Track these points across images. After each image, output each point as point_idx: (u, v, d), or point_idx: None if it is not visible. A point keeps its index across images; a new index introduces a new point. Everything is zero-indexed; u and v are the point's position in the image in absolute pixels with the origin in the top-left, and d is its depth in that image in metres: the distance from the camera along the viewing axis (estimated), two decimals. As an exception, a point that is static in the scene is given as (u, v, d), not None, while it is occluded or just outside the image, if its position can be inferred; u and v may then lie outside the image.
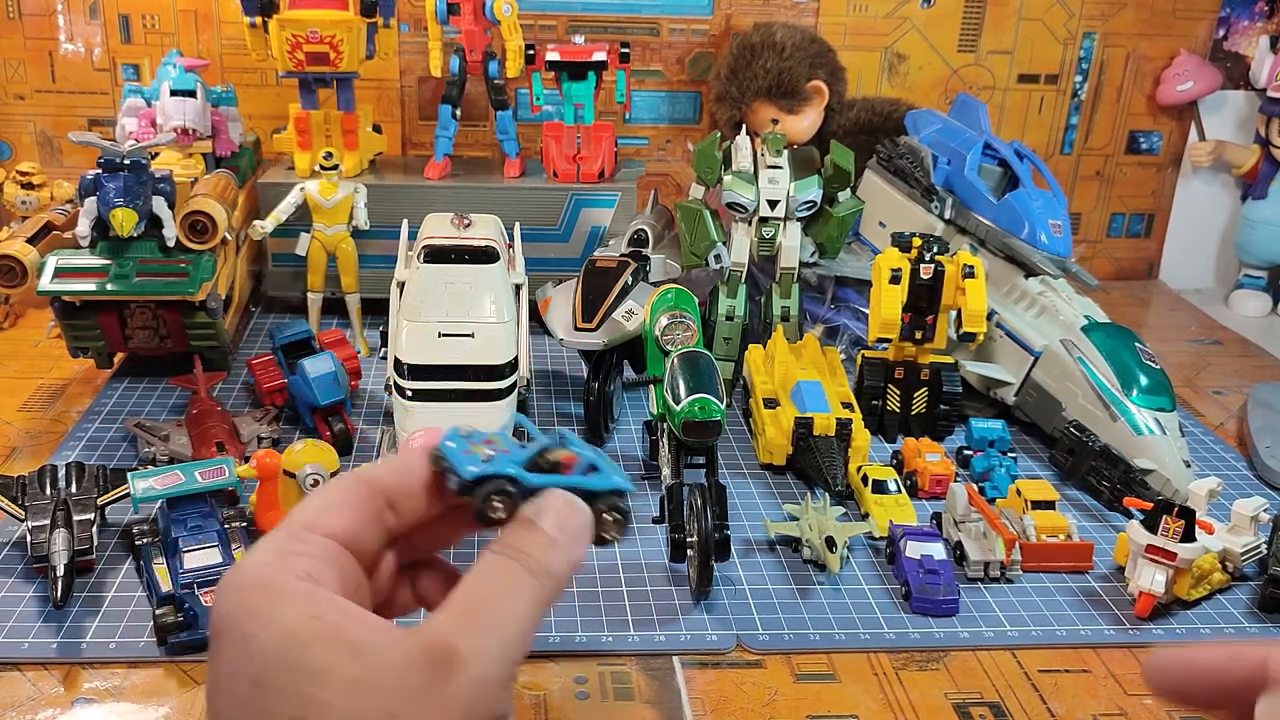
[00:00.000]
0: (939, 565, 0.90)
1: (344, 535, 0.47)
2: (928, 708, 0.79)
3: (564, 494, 0.48)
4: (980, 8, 1.63)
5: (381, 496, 0.49)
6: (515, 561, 0.45)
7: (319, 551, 0.46)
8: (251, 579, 0.44)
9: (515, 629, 0.44)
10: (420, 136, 1.64)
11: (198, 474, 0.90)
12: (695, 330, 0.99)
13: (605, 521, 0.49)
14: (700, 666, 0.82)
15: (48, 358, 1.31)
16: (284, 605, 0.43)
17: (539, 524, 0.47)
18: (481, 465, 0.47)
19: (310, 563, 0.45)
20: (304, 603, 0.43)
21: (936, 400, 1.17)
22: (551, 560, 0.46)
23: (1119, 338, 1.14)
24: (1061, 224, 1.24)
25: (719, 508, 0.88)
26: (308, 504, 0.48)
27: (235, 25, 1.50)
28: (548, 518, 0.47)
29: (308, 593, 0.44)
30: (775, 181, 1.20)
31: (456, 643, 0.42)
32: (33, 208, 1.46)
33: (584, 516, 0.48)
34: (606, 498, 0.49)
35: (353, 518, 0.48)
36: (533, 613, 0.45)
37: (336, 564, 0.47)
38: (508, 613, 0.44)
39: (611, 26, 1.60)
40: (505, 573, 0.45)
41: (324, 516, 0.47)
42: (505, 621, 0.44)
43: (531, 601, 0.45)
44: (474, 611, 0.44)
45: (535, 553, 0.46)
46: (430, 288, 1.08)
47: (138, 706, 0.76)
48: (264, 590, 0.44)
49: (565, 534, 0.47)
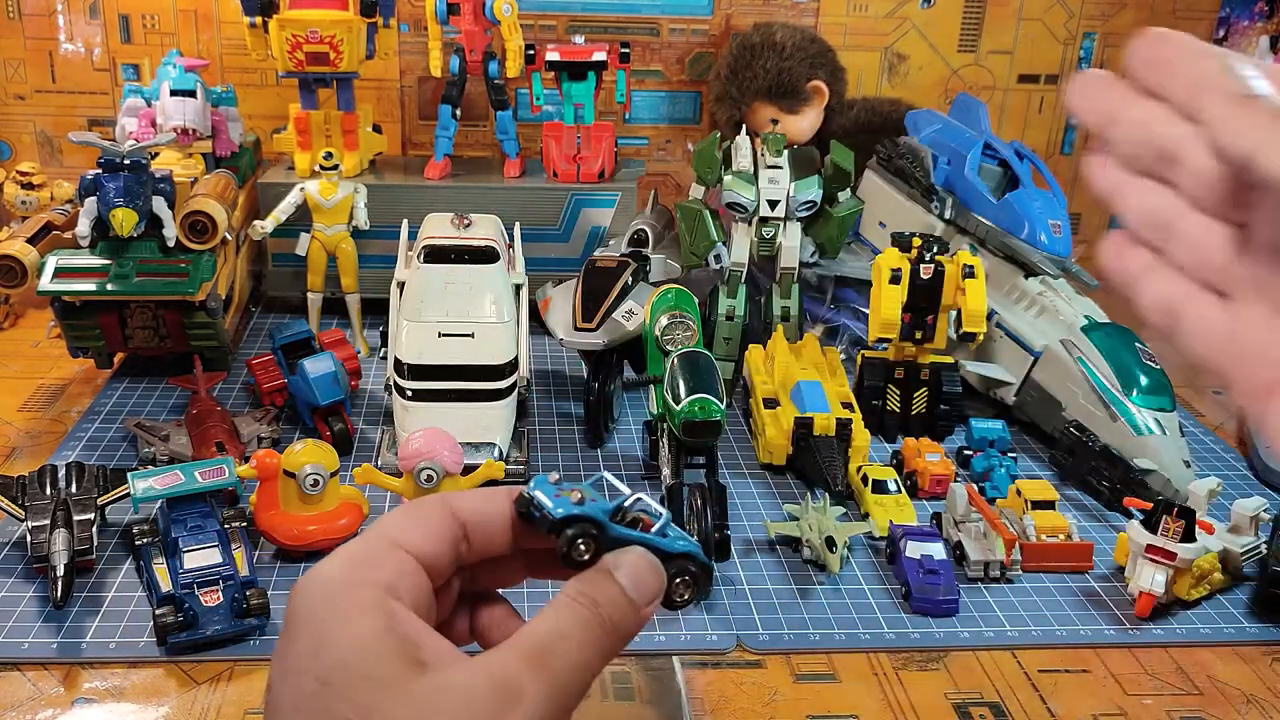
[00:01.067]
0: (939, 565, 0.90)
1: (425, 555, 0.48)
2: (928, 708, 0.79)
3: (645, 553, 0.49)
4: (980, 8, 1.63)
5: (462, 525, 0.50)
6: (589, 611, 0.46)
7: (400, 566, 0.47)
8: (334, 581, 0.45)
9: (578, 679, 0.45)
10: (420, 136, 1.64)
11: (198, 474, 0.90)
12: (695, 330, 0.99)
13: (677, 585, 0.50)
14: (700, 666, 0.82)
15: (48, 358, 1.31)
16: (361, 613, 0.44)
17: (617, 577, 0.48)
18: (572, 507, 0.49)
19: (390, 575, 0.46)
20: (380, 614, 0.44)
21: (936, 400, 1.17)
22: (623, 617, 0.47)
23: (1119, 338, 1.14)
24: (1061, 224, 1.24)
25: (719, 508, 0.88)
26: (394, 518, 0.49)
27: (235, 25, 1.50)
28: (625, 572, 0.48)
29: (384, 605, 0.45)
30: (775, 181, 1.20)
31: (524, 682, 0.43)
32: (33, 208, 1.46)
33: (660, 579, 0.49)
34: (680, 560, 0.50)
35: (435, 540, 0.49)
36: (595, 665, 0.46)
37: (414, 581, 0.48)
38: (574, 662, 0.45)
39: (611, 26, 1.60)
40: (579, 621, 0.46)
41: (408, 534, 0.48)
42: (570, 670, 0.45)
43: (597, 655, 0.46)
44: (544, 654, 0.45)
45: (608, 606, 0.47)
46: (430, 288, 1.08)
47: (138, 706, 0.76)
48: (344, 594, 0.45)
49: (641, 594, 0.48)
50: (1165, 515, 0.89)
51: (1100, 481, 1.06)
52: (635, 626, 0.48)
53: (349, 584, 0.45)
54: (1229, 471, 1.15)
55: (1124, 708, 0.80)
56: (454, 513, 0.50)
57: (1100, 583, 0.94)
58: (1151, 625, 0.89)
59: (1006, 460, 1.08)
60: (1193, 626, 0.89)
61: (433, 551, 0.49)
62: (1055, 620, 0.89)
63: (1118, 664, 0.85)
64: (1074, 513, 1.05)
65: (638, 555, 0.49)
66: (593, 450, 1.13)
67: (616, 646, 0.47)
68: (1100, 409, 1.10)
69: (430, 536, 0.49)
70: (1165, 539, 0.88)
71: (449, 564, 0.50)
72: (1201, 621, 0.90)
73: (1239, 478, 1.14)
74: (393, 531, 0.48)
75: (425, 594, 0.48)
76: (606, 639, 0.46)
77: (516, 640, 0.45)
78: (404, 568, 0.47)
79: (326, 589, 0.45)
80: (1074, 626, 0.88)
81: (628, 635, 0.47)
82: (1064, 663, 0.85)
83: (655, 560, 0.49)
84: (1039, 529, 0.96)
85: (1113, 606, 0.91)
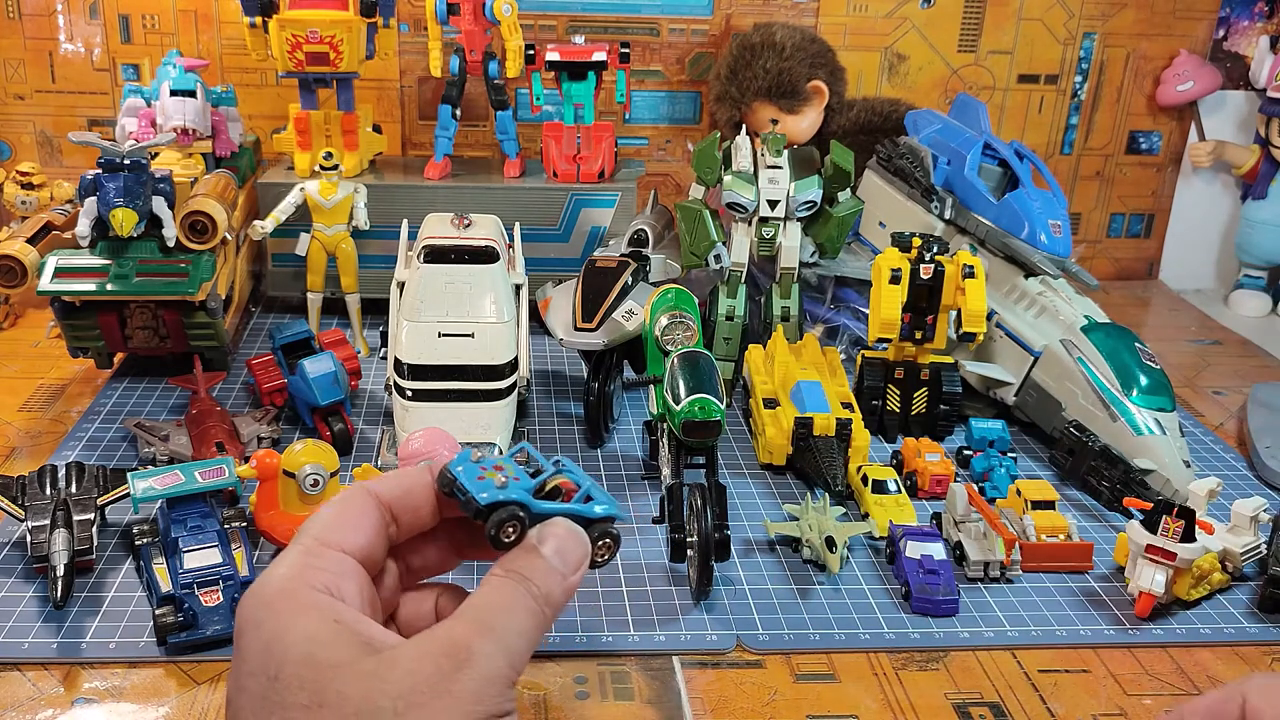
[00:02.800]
0: (939, 565, 0.90)
1: (358, 549, 0.51)
2: (928, 708, 0.79)
3: (567, 524, 0.52)
4: (980, 8, 1.63)
5: (387, 508, 0.52)
6: (520, 586, 0.49)
7: (337, 567, 0.49)
8: (275, 590, 0.47)
9: (519, 643, 0.48)
10: (420, 136, 1.64)
11: (198, 474, 0.90)
12: (695, 330, 0.99)
13: (599, 548, 0.53)
14: (700, 666, 0.82)
15: (48, 358, 1.31)
16: (306, 612, 0.46)
17: (543, 551, 0.51)
18: (495, 492, 0.51)
19: (329, 577, 0.48)
20: (325, 611, 0.47)
21: (936, 400, 1.17)
22: (552, 587, 0.50)
23: (1119, 338, 1.14)
24: (1061, 224, 1.24)
25: (719, 508, 0.88)
26: (323, 519, 0.51)
27: (235, 25, 1.50)
28: (551, 546, 0.51)
29: (328, 604, 0.47)
30: (775, 181, 1.20)
31: (471, 641, 0.46)
32: (33, 208, 1.46)
33: (584, 547, 0.52)
34: (601, 524, 0.53)
35: (365, 531, 0.51)
36: (533, 633, 0.49)
37: (354, 580, 0.50)
38: (514, 627, 0.48)
39: (611, 26, 1.60)
40: (512, 594, 0.49)
41: (340, 533, 0.50)
42: (512, 634, 0.47)
43: (532, 623, 0.49)
44: (486, 621, 0.47)
45: (537, 579, 0.50)
46: (430, 288, 1.08)
47: (138, 706, 0.76)
48: (287, 600, 0.47)
49: (566, 564, 0.51)
50: (1165, 515, 0.89)
51: (1100, 481, 1.06)
52: (565, 594, 0.51)
53: (291, 591, 0.47)
54: (1229, 471, 1.15)
55: (1124, 708, 0.80)
56: (378, 499, 0.52)
57: (1100, 583, 0.94)
58: (1151, 625, 0.89)
59: (1006, 460, 1.08)
60: (1193, 626, 0.89)
61: (365, 544, 0.51)
62: (1055, 620, 0.89)
63: (1118, 664, 0.85)
64: (1074, 513, 1.05)
65: (561, 528, 0.52)
66: (593, 450, 1.13)
67: (550, 615, 0.50)
68: (1100, 409, 1.10)
69: (360, 530, 0.51)
70: (1165, 539, 0.88)
71: (382, 552, 0.52)
72: (1201, 621, 0.90)
73: (1239, 478, 1.14)
74: (324, 533, 0.50)
75: (365, 588, 0.50)
76: (540, 609, 0.49)
77: (459, 614, 0.48)
78: (342, 568, 0.49)
79: (270, 598, 0.47)
80: (1074, 626, 0.88)
81: (559, 603, 0.50)
82: (1064, 663, 0.85)
83: (578, 530, 0.52)
84: (1039, 529, 0.96)
85: (1113, 606, 0.91)
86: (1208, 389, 1.38)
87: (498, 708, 0.45)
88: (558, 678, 0.80)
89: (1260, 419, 1.23)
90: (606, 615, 0.87)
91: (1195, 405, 1.32)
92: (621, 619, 0.87)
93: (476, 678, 0.45)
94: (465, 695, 0.44)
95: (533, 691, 0.79)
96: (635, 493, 1.05)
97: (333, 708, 0.44)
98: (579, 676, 0.81)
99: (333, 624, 0.46)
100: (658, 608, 0.88)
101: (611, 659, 0.83)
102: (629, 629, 0.86)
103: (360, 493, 0.53)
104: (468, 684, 0.45)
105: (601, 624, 0.86)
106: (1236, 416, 1.29)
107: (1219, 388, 1.38)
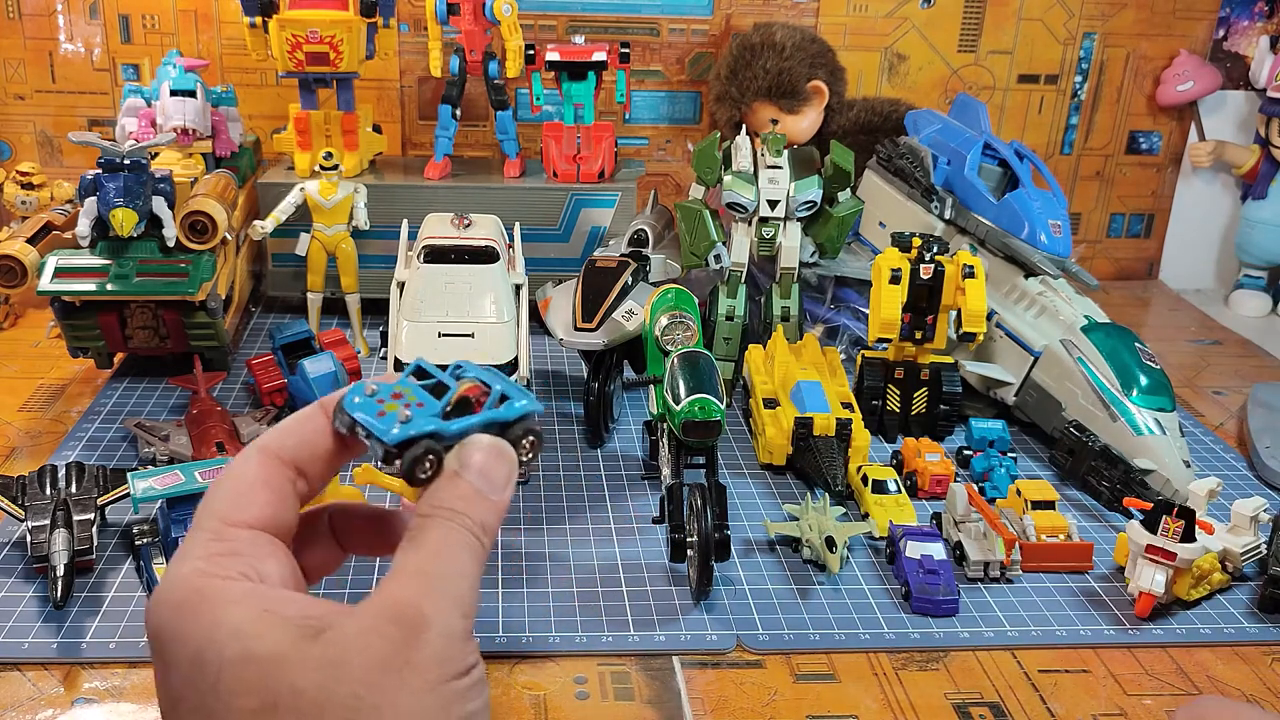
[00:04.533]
0: (939, 565, 0.90)
1: (269, 523, 0.46)
2: (928, 708, 0.79)
3: (485, 440, 0.47)
4: (980, 8, 1.63)
5: (291, 466, 0.48)
6: (451, 523, 0.45)
7: (250, 548, 0.45)
8: (189, 590, 0.42)
9: (465, 585, 0.44)
10: (420, 136, 1.64)
11: (198, 474, 0.90)
12: (695, 330, 0.99)
13: (523, 447, 0.48)
14: (700, 666, 0.82)
15: (48, 358, 1.31)
16: (228, 608, 0.42)
17: (467, 478, 0.46)
18: (403, 427, 0.46)
19: (243, 562, 0.44)
20: (250, 601, 0.42)
21: (936, 400, 1.17)
22: (485, 514, 0.46)
23: (1119, 338, 1.14)
24: (1061, 224, 1.24)
25: (719, 508, 0.88)
26: (221, 494, 0.46)
27: (235, 25, 1.50)
28: (473, 470, 0.46)
29: (249, 590, 0.43)
30: (775, 181, 1.20)
31: (420, 603, 0.42)
32: (33, 208, 1.46)
33: (508, 462, 0.48)
34: (519, 424, 0.48)
35: (270, 501, 0.46)
36: (476, 571, 0.45)
37: (272, 556, 0.45)
38: (457, 573, 0.44)
39: (611, 26, 1.60)
40: (446, 534, 0.45)
41: (243, 507, 0.46)
42: (457, 580, 0.44)
43: (472, 559, 0.45)
44: (428, 574, 0.44)
45: (466, 510, 0.46)
46: (430, 288, 1.08)
47: (138, 706, 0.76)
48: (201, 599, 0.42)
49: (494, 484, 0.47)
50: (1165, 515, 0.89)
51: (1100, 481, 1.06)
52: (498, 516, 0.47)
53: (206, 588, 0.42)
54: (1229, 471, 1.15)
55: (1124, 708, 0.80)
56: (276, 457, 0.47)
57: (1100, 583, 0.94)
58: (1151, 625, 0.89)
59: (1006, 460, 1.08)
60: (1193, 626, 0.89)
61: (272, 513, 0.46)
62: (1055, 620, 0.89)
63: (1118, 664, 0.85)
64: (1074, 513, 1.05)
65: (480, 446, 0.47)
66: (593, 450, 1.13)
67: (488, 543, 0.46)
68: (1100, 409, 1.10)
69: (263, 499, 0.46)
70: (1165, 539, 0.88)
71: (293, 514, 0.48)
72: (1201, 621, 0.90)
73: (1239, 478, 1.14)
74: (227, 512, 0.45)
75: (285, 561, 0.46)
76: (476, 540, 0.46)
77: (396, 572, 0.44)
78: (256, 547, 0.45)
79: (184, 600, 0.42)
80: (1074, 626, 0.88)
81: (495, 528, 0.47)
82: (1064, 663, 0.85)
83: (498, 443, 0.48)
84: (1039, 529, 0.96)
85: (1113, 606, 0.91)
86: (1208, 389, 1.38)
87: (462, 664, 0.42)
88: (558, 678, 0.80)
89: (1260, 419, 1.23)
90: (606, 615, 0.87)
91: (1195, 405, 1.32)
92: (621, 619, 0.87)
93: (435, 640, 0.41)
94: (427, 662, 0.41)
95: (532, 692, 0.79)
96: (635, 493, 1.05)
97: (289, 708, 0.40)
98: (579, 676, 0.81)
99: (262, 614, 0.41)
100: (658, 608, 0.88)
101: (611, 659, 0.83)
102: (629, 629, 0.85)
103: (254, 455, 0.47)
104: (427, 650, 0.41)
105: (601, 624, 0.86)
106: (1236, 416, 1.29)
107: (1219, 388, 1.38)
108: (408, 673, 0.41)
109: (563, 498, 1.04)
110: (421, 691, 0.41)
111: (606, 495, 1.04)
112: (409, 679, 0.41)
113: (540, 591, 0.89)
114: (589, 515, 1.01)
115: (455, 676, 0.42)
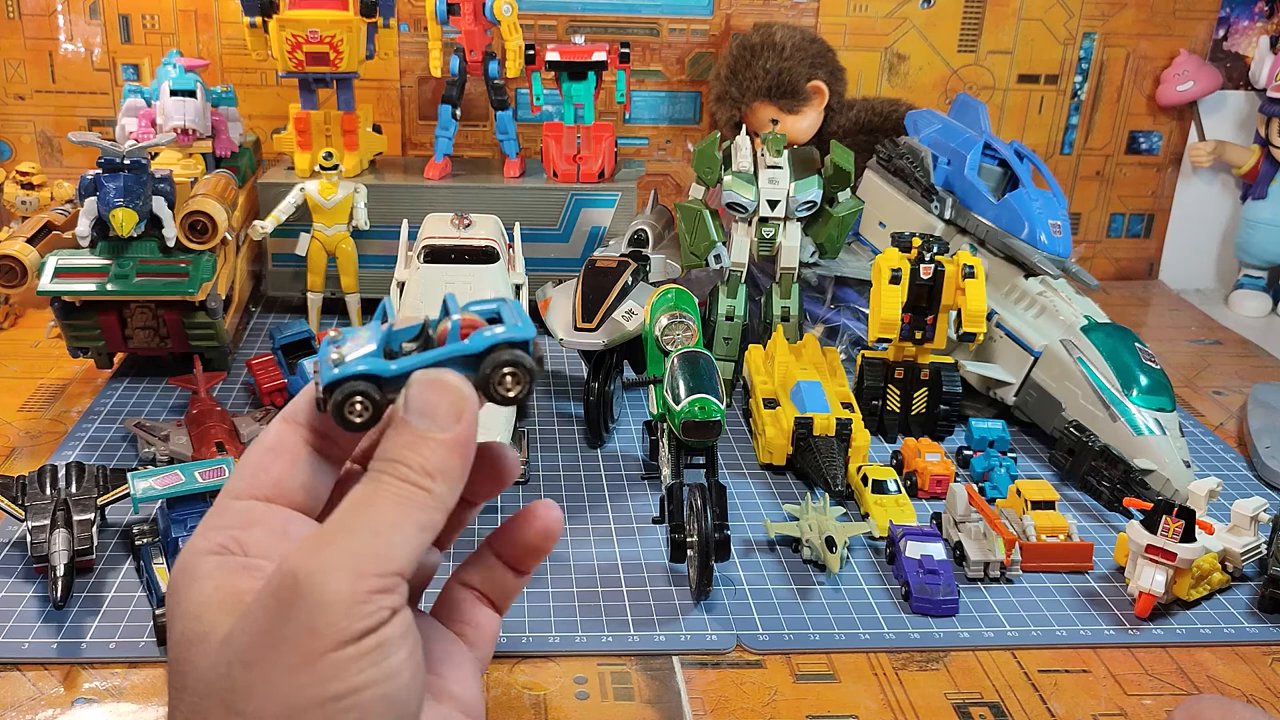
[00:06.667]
0: (939, 565, 0.90)
1: (271, 489, 0.45)
2: (928, 708, 0.79)
3: (423, 373, 0.43)
4: (980, 8, 1.63)
5: (309, 428, 0.47)
6: (381, 474, 0.42)
7: (238, 519, 0.44)
8: (178, 570, 0.44)
9: (379, 540, 0.40)
10: (420, 136, 1.64)
11: (198, 474, 0.90)
12: (695, 330, 0.99)
13: (503, 379, 0.44)
14: (700, 666, 0.82)
15: (48, 358, 1.31)
16: (196, 584, 0.42)
17: (406, 419, 0.43)
18: (331, 372, 0.43)
19: (226, 535, 0.44)
20: (212, 577, 0.42)
21: (936, 400, 1.17)
22: (428, 456, 0.42)
23: (1119, 338, 1.14)
24: (1061, 224, 1.24)
25: (719, 508, 0.88)
26: (237, 470, 0.46)
27: (235, 25, 1.50)
28: (412, 408, 0.43)
29: (218, 565, 0.43)
30: (775, 181, 1.20)
31: (295, 568, 0.39)
32: (33, 208, 1.46)
33: (454, 391, 0.43)
34: (495, 353, 0.44)
35: (278, 470, 0.46)
36: (408, 519, 0.41)
37: (262, 524, 0.44)
38: (368, 528, 0.41)
39: (611, 26, 1.60)
40: (365, 488, 0.42)
41: (247, 480, 0.46)
42: (366, 537, 0.40)
43: (403, 510, 0.41)
44: (323, 536, 0.41)
45: (402, 456, 0.42)
46: (430, 288, 1.08)
47: (138, 706, 0.76)
48: (183, 574, 0.43)
49: (436, 419, 0.43)
50: (1165, 515, 0.89)
51: (1100, 481, 1.06)
52: (452, 452, 0.43)
53: (186, 566, 0.43)
54: (1229, 471, 1.15)
55: (1124, 708, 0.80)
56: (294, 423, 0.46)
57: (1100, 583, 0.94)
58: (1151, 625, 0.89)
59: (1006, 460, 1.08)
60: (1193, 627, 0.89)
61: (276, 479, 0.45)
62: (1055, 620, 0.89)
63: (1118, 664, 0.85)
64: (1074, 513, 1.05)
65: (417, 383, 0.43)
66: (593, 450, 1.13)
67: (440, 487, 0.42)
68: (1100, 409, 1.10)
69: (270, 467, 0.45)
70: (1165, 539, 0.88)
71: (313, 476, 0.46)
72: (1201, 621, 0.90)
73: (1239, 478, 1.14)
74: (232, 486, 0.46)
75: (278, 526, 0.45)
76: (415, 488, 0.42)
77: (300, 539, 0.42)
78: (247, 517, 0.44)
79: (174, 579, 0.44)
80: (1074, 626, 0.88)
81: (448, 468, 0.43)
82: (1064, 663, 0.85)
83: (439, 374, 0.43)
84: (1039, 529, 0.96)
85: (1113, 606, 0.91)
86: (1208, 389, 1.38)
87: (347, 632, 0.39)
88: (558, 678, 0.80)
89: (1260, 419, 1.23)
90: (606, 615, 0.87)
91: (1195, 405, 1.32)
92: (621, 619, 0.87)
93: (306, 610, 0.38)
94: (299, 635, 0.38)
95: (533, 692, 0.79)
96: (635, 493, 1.05)
97: (190, 689, 0.39)
98: (579, 676, 0.81)
99: (213, 590, 0.41)
100: (658, 608, 0.88)
101: (611, 659, 0.83)
102: (629, 629, 0.85)
103: (275, 424, 0.47)
104: (298, 621, 0.38)
105: (601, 624, 0.86)
106: (1236, 416, 1.29)
107: (1219, 388, 1.38)
108: (284, 648, 0.38)
109: (563, 498, 1.04)
110: (297, 667, 0.38)
111: (606, 495, 1.04)
112: (284, 654, 0.38)
113: (540, 591, 0.89)
114: (589, 515, 1.01)
115: (335, 647, 0.39)
